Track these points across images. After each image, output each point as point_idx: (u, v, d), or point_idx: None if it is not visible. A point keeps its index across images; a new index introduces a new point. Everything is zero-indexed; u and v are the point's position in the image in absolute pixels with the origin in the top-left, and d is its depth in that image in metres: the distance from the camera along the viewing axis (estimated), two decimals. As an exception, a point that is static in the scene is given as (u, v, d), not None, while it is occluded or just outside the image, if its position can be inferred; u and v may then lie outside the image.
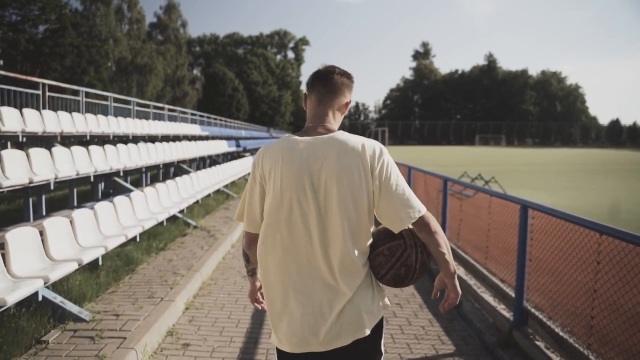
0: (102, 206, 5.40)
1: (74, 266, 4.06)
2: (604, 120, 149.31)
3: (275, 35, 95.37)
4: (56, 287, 4.46)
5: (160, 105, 15.05)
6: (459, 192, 9.02)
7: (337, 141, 1.80)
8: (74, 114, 8.89)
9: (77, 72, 34.42)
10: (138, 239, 5.97)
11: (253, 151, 25.28)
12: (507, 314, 4.70)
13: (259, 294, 2.16)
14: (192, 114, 20.21)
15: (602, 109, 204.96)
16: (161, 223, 6.96)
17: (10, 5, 33.24)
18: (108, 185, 8.20)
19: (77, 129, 8.30)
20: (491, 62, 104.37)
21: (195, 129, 17.63)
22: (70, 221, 4.65)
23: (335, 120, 1.92)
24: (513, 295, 4.83)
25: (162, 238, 7.11)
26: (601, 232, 3.28)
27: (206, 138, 18.43)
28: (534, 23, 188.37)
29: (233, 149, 19.82)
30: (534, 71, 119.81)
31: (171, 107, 16.08)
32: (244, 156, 20.36)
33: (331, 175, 1.75)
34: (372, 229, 1.87)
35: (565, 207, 4.72)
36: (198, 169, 13.86)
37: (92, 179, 6.88)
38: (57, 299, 4.06)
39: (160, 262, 6.16)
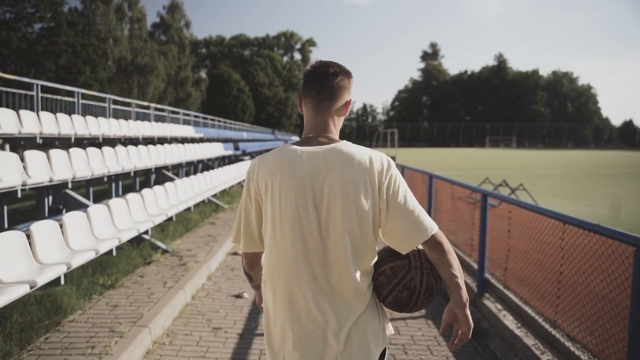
0: (6, 237, 3.76)
1: None
2: (616, 121, 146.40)
3: (281, 37, 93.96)
4: None
5: (145, 104, 13.43)
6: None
7: (341, 153, 1.64)
8: (23, 111, 7.30)
9: (73, 71, 33.00)
10: (63, 282, 4.33)
11: (255, 154, 23.66)
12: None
13: None
14: (185, 114, 18.59)
15: (614, 110, 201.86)
16: (110, 252, 5.32)
17: (3, 2, 31.97)
18: (57, 200, 6.59)
19: (20, 130, 6.71)
20: (501, 62, 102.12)
21: (188, 131, 16.02)
22: None
23: (336, 126, 1.76)
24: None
25: (115, 270, 5.47)
26: None
27: (200, 140, 16.83)
28: (543, 24, 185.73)
29: (230, 152, 18.18)
30: (544, 72, 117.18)
31: (159, 106, 14.48)
32: (242, 160, 18.74)
33: (335, 189, 1.60)
34: (378, 247, 1.73)
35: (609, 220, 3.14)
36: (187, 175, 12.27)
37: (18, 193, 5.25)
38: None
39: (101, 310, 4.51)
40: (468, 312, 1.69)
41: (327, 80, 1.69)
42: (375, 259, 1.71)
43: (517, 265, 4.79)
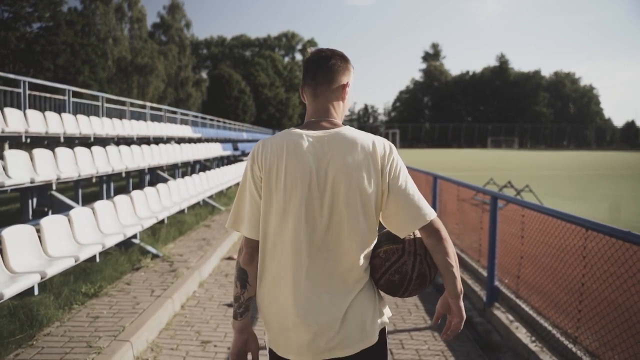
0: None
1: None
2: (618, 122, 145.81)
3: (282, 37, 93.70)
4: None
5: (141, 103, 13.11)
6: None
7: (344, 137, 1.65)
8: (8, 109, 6.98)
9: (71, 71, 32.73)
10: (37, 292, 4.00)
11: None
12: None
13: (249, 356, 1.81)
14: (183, 114, 18.27)
15: (616, 110, 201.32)
16: (93, 258, 4.97)
17: (2, 2, 31.73)
18: (42, 202, 6.26)
19: (4, 128, 6.39)
20: (502, 63, 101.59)
21: (185, 131, 15.71)
22: None
23: (337, 111, 1.75)
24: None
25: (100, 277, 5.13)
26: None
27: (198, 140, 16.52)
28: (544, 24, 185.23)
29: (229, 152, 17.86)
30: (546, 72, 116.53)
31: (155, 105, 14.16)
32: (241, 160, 18.42)
33: (339, 173, 1.60)
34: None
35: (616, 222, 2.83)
36: (184, 176, 11.94)
37: (-4, 196, 4.93)
38: None
39: (80, 322, 4.17)
40: (461, 303, 1.69)
41: (320, 65, 1.71)
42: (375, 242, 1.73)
43: (529, 273, 4.45)
